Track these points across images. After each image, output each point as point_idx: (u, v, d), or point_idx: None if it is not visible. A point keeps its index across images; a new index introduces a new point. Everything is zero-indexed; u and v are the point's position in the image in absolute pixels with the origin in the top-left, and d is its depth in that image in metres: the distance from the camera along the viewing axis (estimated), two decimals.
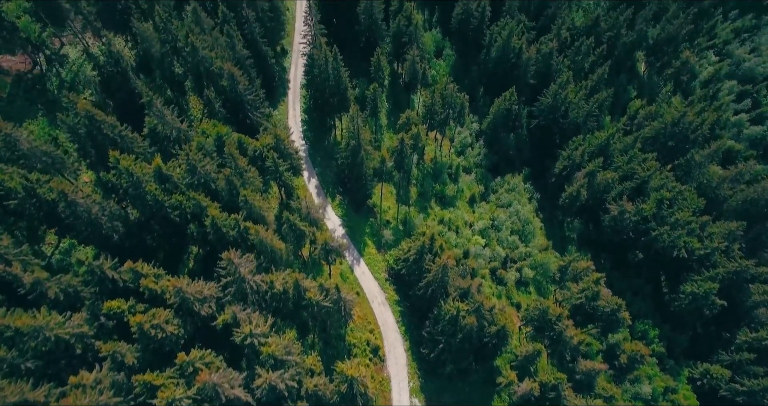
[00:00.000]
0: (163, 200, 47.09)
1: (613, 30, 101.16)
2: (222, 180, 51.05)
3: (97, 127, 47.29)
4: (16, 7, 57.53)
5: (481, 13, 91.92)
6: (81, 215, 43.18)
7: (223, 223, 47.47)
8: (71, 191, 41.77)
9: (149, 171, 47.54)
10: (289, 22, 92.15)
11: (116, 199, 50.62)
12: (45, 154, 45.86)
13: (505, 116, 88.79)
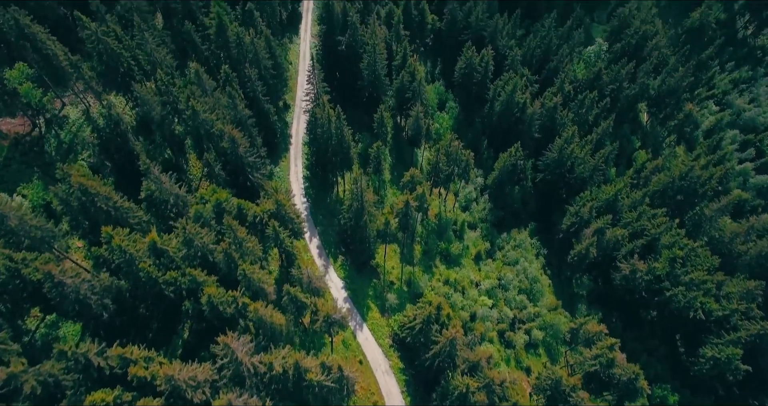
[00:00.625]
0: (157, 277, 44.57)
1: (615, 83, 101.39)
2: (220, 253, 48.69)
3: (90, 199, 45.36)
4: (19, 73, 56.94)
5: (484, 68, 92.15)
6: (68, 295, 40.62)
7: (221, 301, 44.76)
8: (58, 272, 39.34)
9: (143, 246, 45.27)
10: (292, 78, 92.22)
11: (107, 272, 48.09)
12: (35, 228, 43.72)
13: (511, 171, 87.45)
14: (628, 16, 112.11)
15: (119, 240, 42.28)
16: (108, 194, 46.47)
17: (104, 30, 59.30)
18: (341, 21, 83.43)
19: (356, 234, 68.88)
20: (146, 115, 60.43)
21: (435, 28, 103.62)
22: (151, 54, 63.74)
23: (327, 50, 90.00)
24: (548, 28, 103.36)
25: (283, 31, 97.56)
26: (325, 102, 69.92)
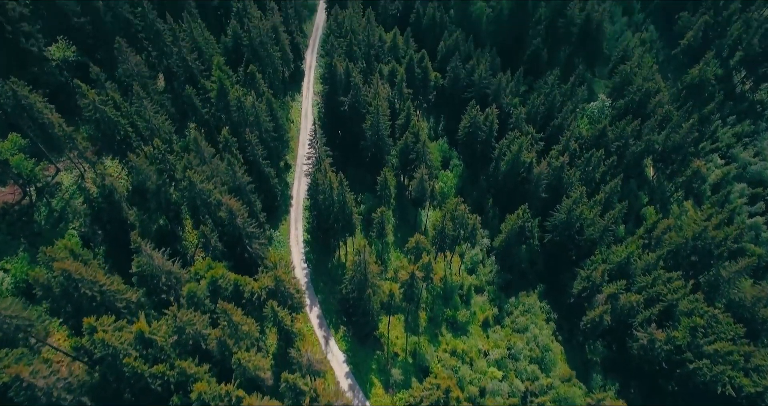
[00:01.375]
0: (143, 371, 40.68)
1: (621, 140, 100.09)
2: (213, 340, 44.97)
3: (74, 285, 42.10)
4: (11, 144, 55.03)
5: (489, 127, 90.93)
6: (39, 398, 36.64)
7: (212, 397, 40.66)
8: (29, 374, 35.56)
9: (129, 337, 41.63)
10: (293, 138, 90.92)
11: (89, 362, 44.19)
12: (9, 317, 40.20)
13: (518, 233, 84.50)
14: (629, 73, 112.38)
15: (102, 334, 38.69)
16: (94, 277, 43.17)
17: (102, 99, 57.85)
18: (344, 81, 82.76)
19: (359, 306, 65.20)
20: (141, 184, 58.02)
21: (438, 85, 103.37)
22: (149, 121, 62.17)
23: (329, 109, 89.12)
24: (551, 85, 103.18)
25: (285, 89, 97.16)
26: (326, 167, 67.85)
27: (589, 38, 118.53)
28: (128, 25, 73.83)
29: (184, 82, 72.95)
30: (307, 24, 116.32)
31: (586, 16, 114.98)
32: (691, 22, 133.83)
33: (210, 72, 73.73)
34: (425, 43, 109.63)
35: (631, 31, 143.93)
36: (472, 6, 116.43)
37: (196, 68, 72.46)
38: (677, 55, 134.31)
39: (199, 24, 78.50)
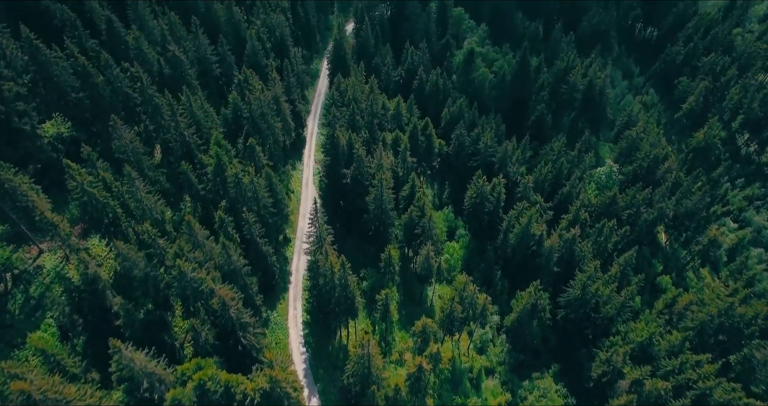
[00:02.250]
0: None
1: (632, 208, 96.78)
2: None
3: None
4: None
5: (496, 198, 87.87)
6: None
7: None
8: None
9: None
10: (293, 212, 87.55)
11: None
12: None
13: (530, 311, 79.34)
14: (635, 139, 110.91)
15: None
16: (60, 394, 38.06)
17: (91, 181, 54.75)
18: (346, 153, 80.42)
19: (362, 401, 59.31)
20: (127, 272, 53.86)
21: (442, 152, 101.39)
22: (141, 201, 58.84)
23: (331, 180, 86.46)
24: (558, 152, 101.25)
25: (286, 157, 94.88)
26: (328, 249, 63.86)
27: (593, 103, 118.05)
28: (127, 99, 72.21)
29: (181, 157, 70.36)
30: (310, 89, 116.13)
31: (588, 81, 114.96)
32: (691, 87, 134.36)
33: (208, 146, 71.32)
34: (428, 109, 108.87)
35: (632, 94, 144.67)
36: (475, 72, 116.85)
37: (194, 143, 70.10)
38: (680, 119, 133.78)
39: (199, 96, 77.08)
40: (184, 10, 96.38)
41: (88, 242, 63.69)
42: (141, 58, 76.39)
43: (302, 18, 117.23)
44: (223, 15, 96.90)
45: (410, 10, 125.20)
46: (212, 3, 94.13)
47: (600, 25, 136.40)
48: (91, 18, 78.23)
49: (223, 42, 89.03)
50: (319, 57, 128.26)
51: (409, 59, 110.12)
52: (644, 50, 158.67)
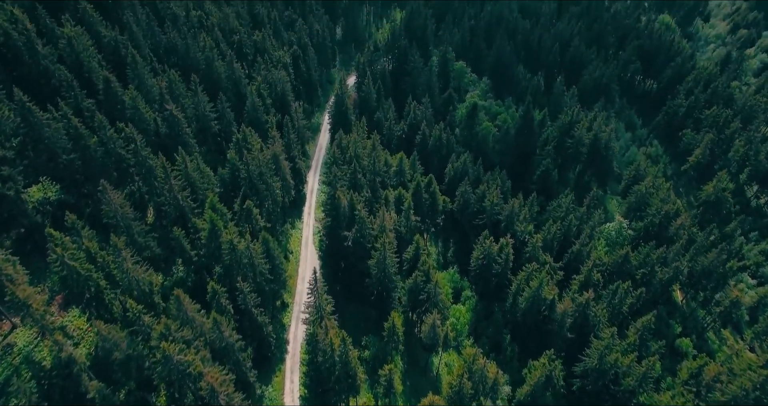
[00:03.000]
0: None
1: (646, 267, 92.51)
2: None
3: None
4: None
5: (504, 259, 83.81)
6: None
7: None
8: None
9: None
10: (292, 276, 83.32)
11: None
12: None
13: (544, 383, 73.59)
14: (645, 194, 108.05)
15: None
16: None
17: (72, 253, 50.97)
18: (347, 214, 77.05)
19: None
20: (107, 354, 49.17)
21: (447, 209, 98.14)
22: (127, 272, 54.81)
23: (331, 241, 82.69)
24: (566, 208, 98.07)
25: (285, 216, 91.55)
26: (328, 324, 59.22)
27: (599, 157, 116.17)
28: (120, 160, 69.61)
29: (175, 221, 66.96)
30: (310, 144, 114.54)
31: (593, 135, 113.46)
32: (696, 139, 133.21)
33: (203, 208, 68.03)
34: (431, 163, 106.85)
35: (636, 146, 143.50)
36: (478, 126, 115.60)
37: (188, 206, 66.84)
38: (687, 171, 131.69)
39: (196, 157, 74.56)
40: (185, 67, 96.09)
41: (68, 313, 59.13)
42: (137, 118, 74.41)
43: (304, 73, 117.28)
44: (224, 72, 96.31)
45: (412, 64, 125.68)
46: (213, 60, 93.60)
47: (601, 78, 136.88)
48: (89, 78, 76.98)
49: (223, 99, 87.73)
50: (320, 110, 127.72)
51: (412, 114, 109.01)
52: (645, 102, 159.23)
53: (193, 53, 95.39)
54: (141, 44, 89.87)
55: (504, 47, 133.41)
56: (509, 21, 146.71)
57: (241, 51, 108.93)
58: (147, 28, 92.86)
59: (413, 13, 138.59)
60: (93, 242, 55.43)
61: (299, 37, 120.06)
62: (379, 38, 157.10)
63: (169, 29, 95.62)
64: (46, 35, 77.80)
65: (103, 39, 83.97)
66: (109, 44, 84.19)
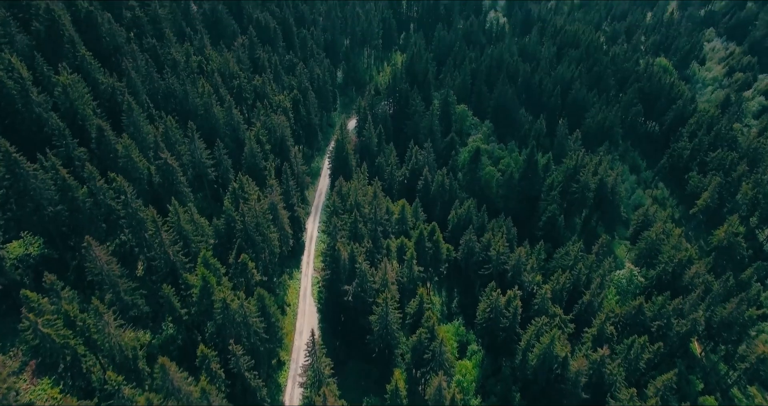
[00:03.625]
0: None
1: (661, 319, 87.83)
2: None
3: None
4: None
5: (512, 313, 79.35)
6: None
7: None
8: None
9: None
10: (289, 333, 78.68)
11: None
12: None
13: None
14: (655, 241, 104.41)
15: None
16: None
17: (48, 319, 46.98)
18: (348, 268, 73.29)
19: None
20: None
21: (450, 258, 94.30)
22: (109, 337, 50.65)
23: (331, 294, 78.70)
24: (574, 257, 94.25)
25: (283, 266, 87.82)
26: (326, 392, 54.46)
27: (606, 202, 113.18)
28: (110, 212, 66.56)
29: (165, 277, 63.19)
30: (310, 189, 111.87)
31: (599, 180, 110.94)
32: (703, 182, 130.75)
33: (196, 262, 64.40)
34: (434, 210, 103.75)
35: (641, 188, 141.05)
36: (481, 171, 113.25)
37: (179, 262, 63.18)
38: (696, 214, 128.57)
39: (190, 208, 71.46)
40: (184, 112, 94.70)
41: (41, 381, 54.45)
42: (130, 167, 71.92)
43: (304, 117, 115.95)
44: (223, 117, 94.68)
45: (413, 108, 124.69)
46: (211, 106, 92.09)
47: (604, 121, 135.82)
48: (83, 126, 75.04)
49: (220, 146, 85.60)
50: (320, 155, 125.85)
51: (414, 159, 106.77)
52: (648, 144, 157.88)
53: (191, 99, 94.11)
54: (139, 90, 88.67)
55: (506, 91, 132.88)
56: (510, 64, 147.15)
57: (241, 96, 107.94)
58: (146, 74, 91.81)
59: (414, 56, 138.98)
60: (73, 305, 51.50)
61: (300, 82, 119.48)
62: (380, 81, 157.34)
63: (168, 75, 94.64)
64: (42, 82, 76.60)
65: (100, 86, 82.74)
66: (106, 91, 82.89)
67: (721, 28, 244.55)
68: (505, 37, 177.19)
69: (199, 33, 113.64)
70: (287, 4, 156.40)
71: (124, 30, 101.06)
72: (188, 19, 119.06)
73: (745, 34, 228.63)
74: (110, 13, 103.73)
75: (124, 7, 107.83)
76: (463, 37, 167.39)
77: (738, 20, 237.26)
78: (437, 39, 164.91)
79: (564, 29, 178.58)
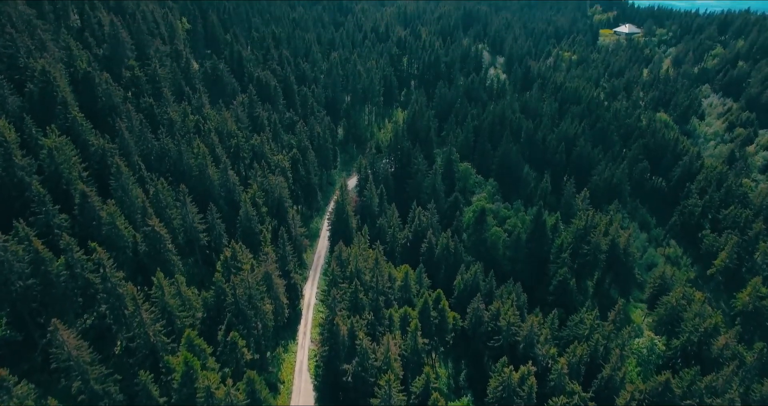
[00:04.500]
0: None
1: (693, 398, 79.89)
2: None
3: None
4: None
5: (527, 393, 71.85)
6: None
7: None
8: None
9: None
10: None
11: None
12: None
13: None
14: (676, 307, 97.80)
15: None
16: None
17: None
18: (347, 344, 66.79)
19: None
20: None
21: (457, 327, 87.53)
22: None
23: (329, 370, 71.43)
24: (590, 326, 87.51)
25: (277, 337, 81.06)
26: None
27: (618, 263, 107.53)
28: (87, 285, 61.04)
29: (144, 359, 56.80)
30: (308, 252, 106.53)
31: (611, 241, 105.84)
32: (718, 241, 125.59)
33: (178, 344, 58.17)
34: (438, 274, 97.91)
35: (653, 246, 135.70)
36: (487, 231, 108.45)
37: (160, 343, 57.08)
38: (714, 276, 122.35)
39: (177, 279, 65.93)
40: (178, 173, 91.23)
41: None
42: (114, 234, 67.11)
43: (303, 177, 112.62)
44: (218, 178, 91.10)
45: (415, 167, 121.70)
46: (206, 167, 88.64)
47: (611, 178, 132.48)
48: (67, 190, 71.02)
49: (213, 210, 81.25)
50: (319, 215, 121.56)
51: (417, 220, 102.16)
52: (656, 200, 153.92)
53: (186, 159, 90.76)
54: (131, 151, 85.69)
55: (510, 148, 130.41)
56: (513, 121, 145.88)
57: (238, 155, 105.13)
58: (140, 134, 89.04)
59: (416, 114, 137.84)
60: (29, 402, 44.91)
61: (299, 140, 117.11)
62: (381, 138, 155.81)
63: (162, 135, 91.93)
64: (29, 145, 73.44)
65: (90, 147, 79.46)
66: (96, 153, 79.50)
67: (716, 84, 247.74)
68: (506, 94, 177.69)
69: (198, 92, 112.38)
70: (289, 62, 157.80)
71: (122, 89, 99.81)
72: (188, 77, 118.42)
73: (740, 91, 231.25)
74: (109, 72, 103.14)
75: (124, 66, 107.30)
76: (464, 93, 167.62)
77: (732, 78, 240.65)
78: (438, 96, 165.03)
79: (564, 86, 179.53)
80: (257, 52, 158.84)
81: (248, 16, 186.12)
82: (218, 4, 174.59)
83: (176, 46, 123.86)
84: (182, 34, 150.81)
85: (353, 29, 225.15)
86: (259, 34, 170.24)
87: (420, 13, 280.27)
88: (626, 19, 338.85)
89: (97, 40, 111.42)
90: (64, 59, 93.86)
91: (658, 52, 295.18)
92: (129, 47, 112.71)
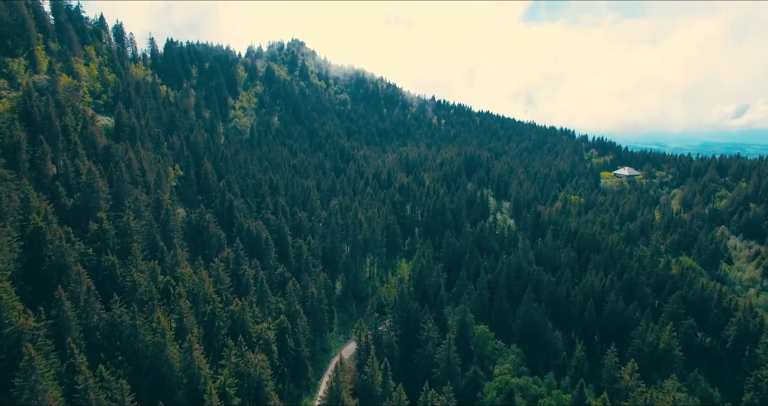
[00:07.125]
0: None
1: None
2: None
3: None
4: None
5: None
6: None
7: None
8: None
9: None
10: None
11: None
12: None
13: None
14: None
15: None
16: None
17: None
18: None
19: None
20: None
21: None
22: None
23: None
24: None
25: None
26: None
27: None
28: None
29: None
30: None
31: None
32: None
33: None
34: None
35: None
36: None
37: None
38: None
39: None
40: (129, 353, 72.57)
41: None
42: None
43: (291, 349, 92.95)
44: (179, 361, 72.03)
45: (426, 334, 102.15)
46: (164, 347, 70.17)
47: (657, 342, 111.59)
48: None
49: None
50: (309, 394, 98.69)
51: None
52: (706, 362, 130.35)
53: (141, 335, 72.79)
54: (69, 327, 68.35)
55: (533, 309, 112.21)
56: (531, 274, 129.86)
57: (213, 325, 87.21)
58: (84, 304, 72.49)
59: (423, 269, 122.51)
60: None
61: (289, 304, 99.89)
62: (384, 294, 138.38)
63: (116, 304, 75.27)
64: None
65: (4, 329, 62.04)
66: (10, 336, 61.75)
67: (733, 226, 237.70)
68: (517, 241, 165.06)
69: (173, 247, 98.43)
70: (284, 211, 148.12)
71: (82, 245, 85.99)
72: (166, 230, 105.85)
73: (761, 233, 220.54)
74: (75, 225, 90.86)
75: (92, 219, 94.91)
76: (473, 242, 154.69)
77: (748, 219, 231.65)
78: (446, 246, 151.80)
79: (580, 232, 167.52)
80: (251, 200, 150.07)
81: (246, 163, 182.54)
82: (216, 151, 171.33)
83: (158, 195, 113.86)
84: (172, 181, 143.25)
85: (354, 175, 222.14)
86: (255, 181, 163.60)
87: (422, 160, 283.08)
88: (623, 163, 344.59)
89: (70, 190, 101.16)
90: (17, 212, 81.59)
91: (662, 194, 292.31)
92: (104, 197, 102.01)
